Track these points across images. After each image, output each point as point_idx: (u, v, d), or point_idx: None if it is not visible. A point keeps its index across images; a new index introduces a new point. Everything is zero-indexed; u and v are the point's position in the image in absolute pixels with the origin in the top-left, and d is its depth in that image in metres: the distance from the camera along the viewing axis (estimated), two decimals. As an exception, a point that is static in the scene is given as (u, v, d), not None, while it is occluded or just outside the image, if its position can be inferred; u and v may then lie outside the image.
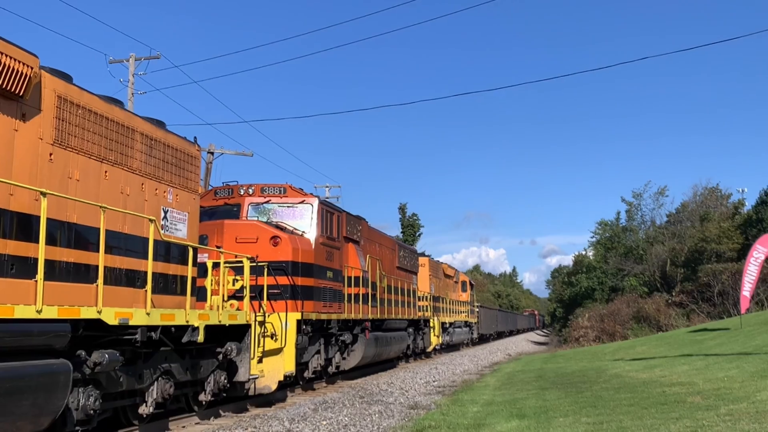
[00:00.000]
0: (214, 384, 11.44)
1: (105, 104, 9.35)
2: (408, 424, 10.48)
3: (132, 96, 28.96)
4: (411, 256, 26.10)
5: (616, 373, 16.90)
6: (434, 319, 29.98)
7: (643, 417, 9.32)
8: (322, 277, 15.55)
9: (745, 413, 8.88)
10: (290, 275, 14.07)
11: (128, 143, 9.71)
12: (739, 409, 9.28)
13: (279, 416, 11.28)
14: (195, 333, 10.25)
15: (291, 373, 13.75)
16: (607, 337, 39.82)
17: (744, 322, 24.87)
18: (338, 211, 17.11)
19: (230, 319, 11.34)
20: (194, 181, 11.41)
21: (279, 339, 13.28)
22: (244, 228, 14.31)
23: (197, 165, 11.51)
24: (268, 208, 15.27)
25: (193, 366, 10.84)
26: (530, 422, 9.57)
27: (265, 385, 13.04)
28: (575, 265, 74.08)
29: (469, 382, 18.42)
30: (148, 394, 9.79)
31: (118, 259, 9.32)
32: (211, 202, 15.45)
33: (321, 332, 15.76)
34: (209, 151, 31.49)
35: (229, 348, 11.48)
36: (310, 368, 15.62)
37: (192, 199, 11.35)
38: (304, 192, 15.74)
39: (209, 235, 13.96)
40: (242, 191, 15.36)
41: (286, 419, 10.92)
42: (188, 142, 11.38)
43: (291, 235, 14.61)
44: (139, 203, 9.88)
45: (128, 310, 8.73)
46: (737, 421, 8.35)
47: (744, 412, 8.94)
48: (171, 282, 10.57)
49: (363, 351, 18.15)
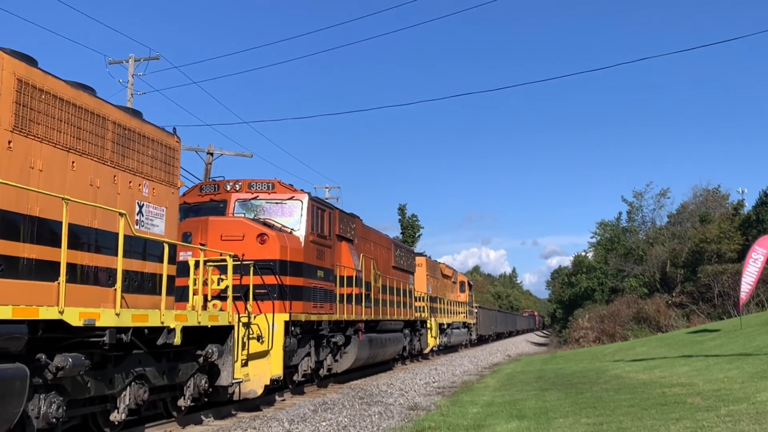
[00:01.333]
0: (194, 388, 10.74)
1: (73, 90, 8.67)
2: (408, 425, 10.37)
3: (131, 97, 28.60)
4: (407, 255, 25.35)
5: (616, 374, 16.73)
6: (431, 320, 29.22)
7: (643, 418, 9.25)
8: (312, 276, 14.85)
9: (745, 414, 8.83)
10: (278, 274, 13.38)
11: (99, 132, 9.03)
12: (739, 410, 9.22)
13: (279, 417, 11.18)
14: (171, 335, 9.56)
15: (278, 376, 13.06)
16: (607, 338, 39.62)
17: (744, 323, 24.66)
18: (330, 208, 16.39)
19: (210, 320, 10.65)
20: (173, 174, 10.73)
21: (265, 341, 12.58)
22: (229, 225, 13.61)
23: (176, 157, 10.83)
24: (255, 204, 14.54)
25: (170, 370, 10.15)
26: (530, 423, 9.48)
27: (250, 390, 12.34)
28: (575, 266, 73.86)
29: (468, 383, 18.23)
30: (120, 400, 9.10)
31: (87, 256, 8.64)
32: (197, 199, 14.75)
33: (311, 334, 15.06)
34: (209, 151, 31.02)
35: (210, 350, 10.80)
36: (300, 371, 14.91)
37: (171, 193, 10.67)
38: (294, 188, 15.02)
39: (193, 232, 13.28)
40: (228, 187, 14.62)
41: (286, 420, 10.82)
42: (167, 133, 10.70)
43: (279, 233, 13.91)
44: (111, 196, 9.19)
45: (95, 311, 8.04)
46: (737, 422, 8.30)
47: (744, 413, 8.88)
48: (148, 281, 9.89)
49: (356, 353, 17.45)
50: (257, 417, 11.46)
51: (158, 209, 10.31)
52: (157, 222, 10.27)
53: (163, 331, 9.46)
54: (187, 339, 10.41)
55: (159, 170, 10.35)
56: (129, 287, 9.43)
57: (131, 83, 28.22)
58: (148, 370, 9.51)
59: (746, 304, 35.61)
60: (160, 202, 10.35)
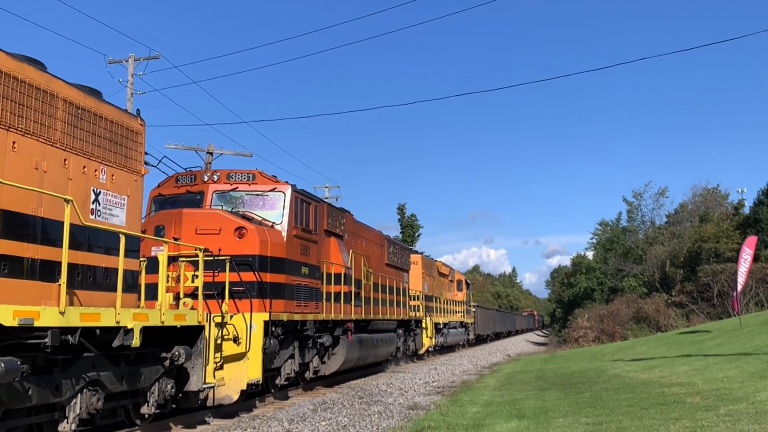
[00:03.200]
0: (158, 394, 9.68)
1: (15, 62, 7.63)
2: (407, 424, 10.23)
3: (131, 96, 28.20)
4: (402, 252, 24.22)
5: (616, 373, 16.53)
6: (427, 320, 28.10)
7: (643, 417, 9.15)
8: (296, 273, 13.77)
9: (744, 414, 8.74)
10: (257, 271, 12.32)
11: (46, 110, 8.00)
12: (739, 409, 9.13)
13: (278, 417, 11.09)
14: (129, 336, 8.51)
15: (257, 380, 12.01)
16: (607, 337, 39.27)
17: (743, 322, 24.57)
18: (316, 201, 15.27)
19: (176, 319, 9.60)
20: (136, 159, 9.67)
21: (243, 342, 11.55)
22: (205, 217, 12.52)
23: (140, 142, 9.77)
24: (235, 196, 13.45)
25: (130, 374, 9.09)
26: (530, 423, 9.36)
27: (225, 395, 11.29)
28: (574, 266, 73.34)
29: (468, 382, 17.96)
30: (69, 409, 8.06)
31: (30, 248, 7.60)
32: (173, 190, 13.66)
33: (295, 335, 13.98)
34: (208, 151, 30.29)
35: (176, 353, 9.73)
36: (283, 374, 13.82)
37: (133, 180, 9.61)
38: (277, 179, 13.93)
39: (166, 225, 12.24)
40: (206, 178, 13.47)
41: (286, 420, 10.72)
42: (129, 115, 9.66)
43: (259, 226, 12.83)
44: (61, 182, 8.15)
45: (33, 309, 7.00)
46: (737, 421, 8.21)
47: (743, 413, 8.79)
48: (106, 277, 8.85)
49: (345, 355, 16.36)
50: (257, 416, 11.33)
51: (118, 198, 9.26)
52: (116, 212, 9.22)
53: (119, 331, 8.42)
54: (151, 340, 9.40)
55: (119, 155, 9.30)
56: (83, 283, 8.41)
57: (131, 83, 27.84)
58: (103, 375, 8.46)
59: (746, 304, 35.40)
60: (121, 190, 9.31)
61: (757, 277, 37.41)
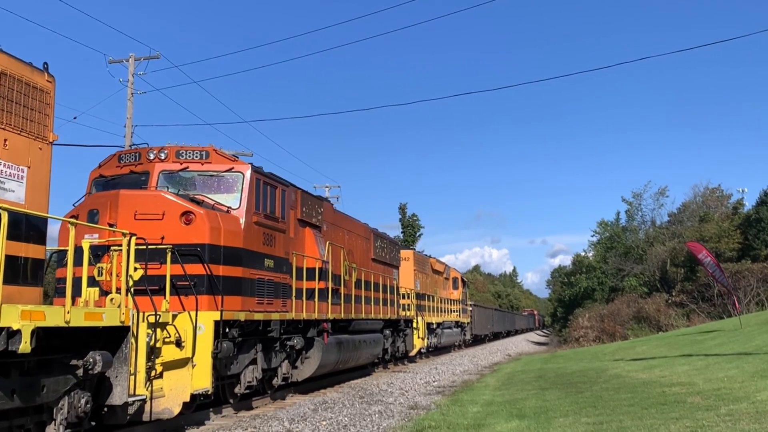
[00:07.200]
0: (68, 410, 7.74)
1: None
2: (408, 424, 10.11)
3: (132, 96, 27.65)
4: (390, 247, 22.17)
5: (616, 373, 16.24)
6: (418, 319, 26.10)
7: (643, 417, 9.01)
8: (257, 266, 11.79)
9: (745, 413, 8.58)
10: (207, 263, 10.36)
11: None
12: (739, 409, 8.97)
13: (279, 416, 10.99)
14: (16, 339, 6.58)
15: (205, 390, 10.05)
16: (607, 337, 38.50)
17: (744, 322, 24.13)
18: (283, 185, 13.22)
19: (88, 318, 7.65)
20: (41, 123, 7.77)
21: (187, 346, 9.61)
22: (145, 200, 10.53)
23: (47, 102, 7.87)
24: (185, 177, 11.47)
25: (26, 387, 7.16)
26: (530, 422, 9.24)
27: (164, 408, 9.32)
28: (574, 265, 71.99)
29: (468, 382, 17.73)
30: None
31: None
32: (114, 171, 11.70)
33: (257, 336, 12.02)
34: (208, 151, 28.84)
35: (91, 360, 7.79)
36: (243, 382, 11.85)
37: (37, 148, 7.72)
38: (235, 158, 11.95)
39: (101, 209, 10.32)
40: (152, 156, 11.39)
41: (286, 419, 10.61)
42: (32, 68, 7.75)
43: (210, 211, 10.85)
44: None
45: None
46: (737, 421, 8.08)
47: (744, 413, 8.64)
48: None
49: (320, 358, 14.37)
50: (257, 416, 11.14)
51: (15, 169, 7.38)
52: (12, 186, 7.34)
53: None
54: (60, 345, 7.51)
55: (16, 116, 7.42)
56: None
57: (131, 82, 27.56)
58: (-19, 386, 6.55)
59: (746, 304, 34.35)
60: (18, 159, 7.42)
61: (758, 277, 36.74)
